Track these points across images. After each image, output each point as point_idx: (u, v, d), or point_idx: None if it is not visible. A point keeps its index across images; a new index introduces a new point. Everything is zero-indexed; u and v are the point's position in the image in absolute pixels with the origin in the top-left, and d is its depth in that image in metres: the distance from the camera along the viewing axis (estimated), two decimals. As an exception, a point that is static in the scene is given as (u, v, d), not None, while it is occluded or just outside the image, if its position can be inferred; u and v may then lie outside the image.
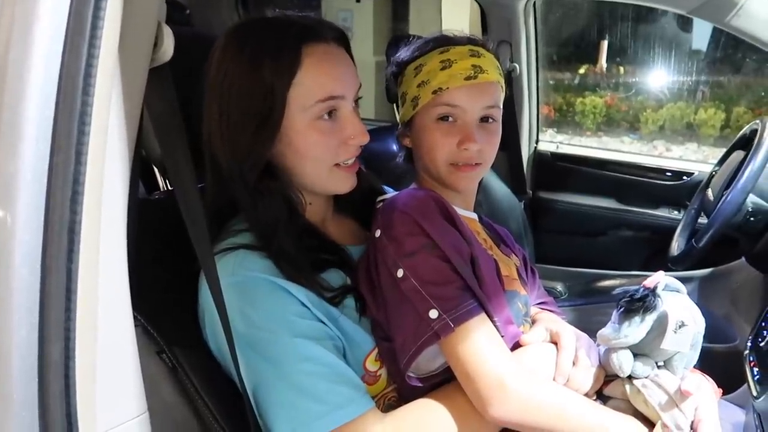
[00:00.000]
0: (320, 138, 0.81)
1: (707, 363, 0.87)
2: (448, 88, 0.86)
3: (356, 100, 0.87)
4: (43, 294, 0.49)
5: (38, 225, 0.48)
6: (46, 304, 0.49)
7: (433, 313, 0.77)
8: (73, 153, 0.48)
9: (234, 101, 0.80)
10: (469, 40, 0.91)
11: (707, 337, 0.85)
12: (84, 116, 0.49)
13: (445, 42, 0.90)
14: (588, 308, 1.85)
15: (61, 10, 0.48)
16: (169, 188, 1.10)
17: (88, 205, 0.50)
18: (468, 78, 0.86)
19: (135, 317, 0.72)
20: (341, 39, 0.86)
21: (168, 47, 0.59)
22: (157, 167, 1.08)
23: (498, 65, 0.92)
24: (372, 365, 0.84)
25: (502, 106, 0.92)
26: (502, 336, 0.82)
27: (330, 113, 0.82)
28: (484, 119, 0.89)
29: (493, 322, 0.81)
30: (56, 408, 0.50)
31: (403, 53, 0.94)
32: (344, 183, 0.87)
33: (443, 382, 0.83)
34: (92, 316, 0.52)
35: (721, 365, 1.03)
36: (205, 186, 0.85)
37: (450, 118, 0.88)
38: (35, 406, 0.49)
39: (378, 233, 0.85)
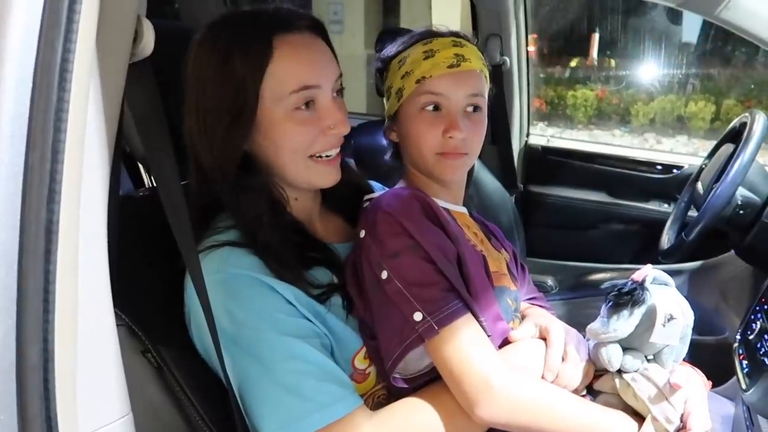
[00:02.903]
0: (297, 128, 0.80)
1: (696, 356, 0.87)
2: (431, 76, 0.86)
3: (340, 91, 0.86)
4: (20, 295, 0.48)
5: (14, 224, 0.47)
6: (23, 304, 0.48)
7: (417, 316, 0.77)
8: (49, 150, 0.47)
9: (208, 96, 0.79)
10: (452, 33, 0.92)
11: (696, 330, 0.85)
12: (60, 112, 0.47)
13: (428, 35, 0.91)
14: (579, 302, 1.86)
15: (35, 2, 0.47)
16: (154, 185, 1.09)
17: (65, 204, 0.49)
18: (451, 66, 0.86)
19: (119, 317, 0.72)
20: (316, 28, 0.84)
21: (148, 42, 0.58)
22: (141, 163, 1.07)
23: (481, 56, 0.92)
24: (361, 363, 0.84)
25: (487, 96, 0.92)
26: (490, 334, 0.81)
27: (307, 104, 0.81)
28: (469, 108, 0.89)
29: (479, 321, 0.80)
30: (35, 411, 0.49)
31: (388, 49, 0.94)
32: (325, 177, 0.86)
33: (429, 383, 0.82)
34: (72, 316, 0.51)
35: (710, 358, 1.03)
36: (189, 182, 0.84)
37: (434, 107, 0.87)
38: (14, 409, 0.48)
39: (363, 233, 0.84)
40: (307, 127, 0.81)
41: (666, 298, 0.81)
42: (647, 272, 0.84)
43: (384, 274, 0.79)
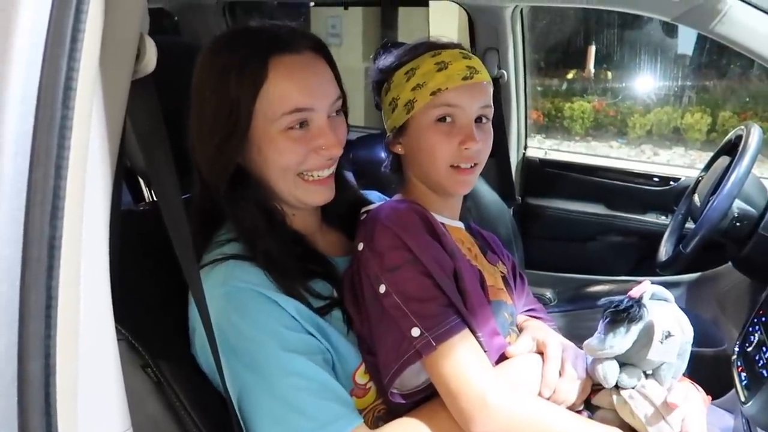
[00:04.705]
0: (289, 146, 0.81)
1: (695, 368, 0.87)
2: (447, 88, 0.86)
3: (340, 110, 0.86)
4: (22, 310, 0.48)
5: (17, 240, 0.48)
6: (25, 320, 0.48)
7: (415, 331, 0.77)
8: (52, 167, 0.48)
9: (205, 111, 0.81)
10: (457, 45, 0.92)
11: (694, 342, 0.85)
12: (64, 130, 0.48)
13: (434, 46, 0.90)
14: (577, 314, 1.85)
15: (40, 22, 0.47)
16: (154, 199, 1.09)
17: (68, 220, 0.49)
18: (465, 78, 0.86)
19: (119, 331, 0.71)
20: (318, 48, 0.84)
21: (151, 59, 0.59)
22: (142, 178, 1.07)
23: (485, 67, 0.92)
24: (361, 378, 0.84)
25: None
26: (487, 350, 0.81)
27: (301, 124, 0.81)
28: (479, 119, 0.89)
29: (476, 337, 0.80)
30: (36, 426, 0.49)
31: (386, 60, 0.93)
32: (315, 196, 0.86)
33: (427, 399, 0.82)
34: (74, 331, 0.51)
35: (708, 370, 1.03)
36: (191, 195, 0.85)
37: (449, 119, 0.87)
38: (14, 425, 0.48)
39: (361, 246, 0.84)
40: (298, 146, 0.81)
41: (664, 315, 0.81)
42: (645, 288, 0.84)
43: (382, 288, 0.79)
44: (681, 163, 4.16)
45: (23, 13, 0.47)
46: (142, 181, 1.14)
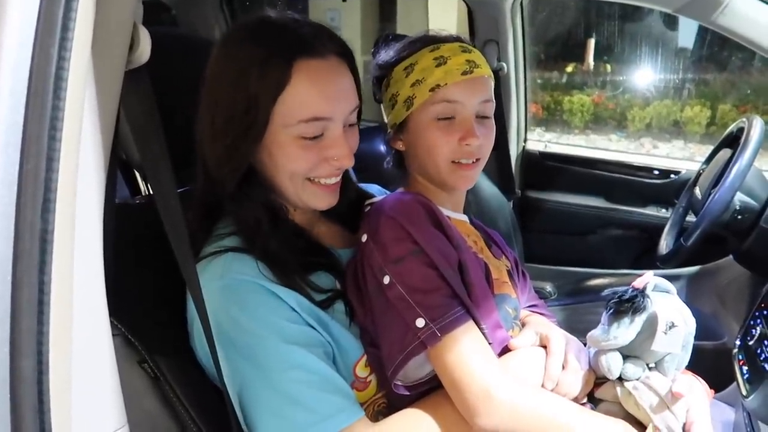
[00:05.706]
0: (300, 153, 0.79)
1: (695, 361, 0.87)
2: (446, 84, 0.85)
3: (357, 120, 0.85)
4: (14, 306, 0.47)
5: (8, 234, 0.47)
6: (17, 316, 0.47)
7: (420, 322, 0.76)
8: (44, 159, 0.47)
9: (221, 104, 0.78)
10: (456, 38, 0.91)
11: (695, 335, 0.84)
12: (55, 121, 0.47)
13: (433, 40, 0.89)
14: (578, 308, 1.85)
15: (30, 11, 0.46)
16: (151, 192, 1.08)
17: (60, 214, 0.48)
18: (464, 73, 0.85)
19: (115, 326, 0.71)
20: (343, 53, 0.82)
21: (145, 49, 0.58)
22: (138, 171, 1.06)
23: (486, 61, 0.91)
24: (362, 371, 0.83)
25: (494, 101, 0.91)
26: (490, 342, 0.81)
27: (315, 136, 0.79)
28: (480, 114, 0.88)
29: (480, 329, 0.80)
30: (30, 424, 0.48)
31: (386, 55, 0.92)
32: (321, 200, 0.84)
33: (431, 390, 0.81)
34: (67, 327, 0.50)
35: (709, 363, 1.02)
36: (187, 189, 0.84)
37: (449, 115, 0.86)
38: (7, 423, 0.48)
39: (365, 238, 0.83)
40: (309, 153, 0.79)
41: (667, 306, 0.81)
42: (648, 279, 0.83)
43: (386, 280, 0.78)
44: (680, 156, 4.15)
45: (12, 0, 0.46)
46: (138, 175, 1.13)
